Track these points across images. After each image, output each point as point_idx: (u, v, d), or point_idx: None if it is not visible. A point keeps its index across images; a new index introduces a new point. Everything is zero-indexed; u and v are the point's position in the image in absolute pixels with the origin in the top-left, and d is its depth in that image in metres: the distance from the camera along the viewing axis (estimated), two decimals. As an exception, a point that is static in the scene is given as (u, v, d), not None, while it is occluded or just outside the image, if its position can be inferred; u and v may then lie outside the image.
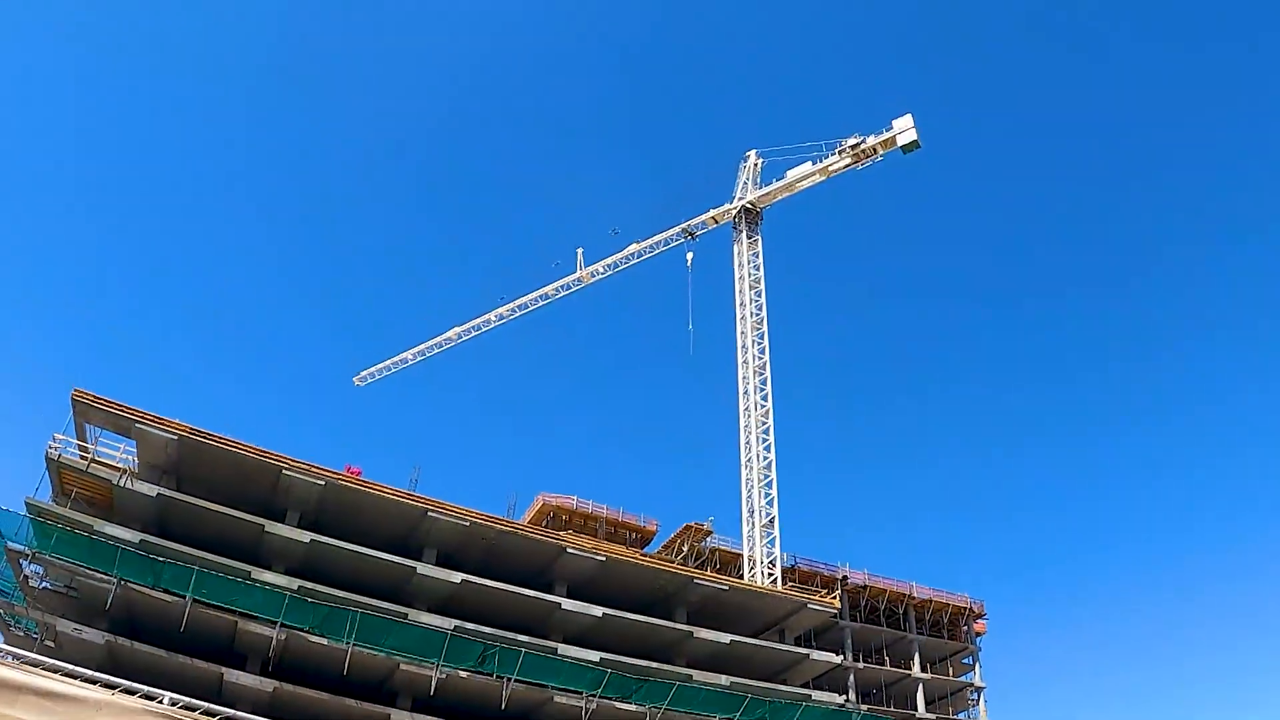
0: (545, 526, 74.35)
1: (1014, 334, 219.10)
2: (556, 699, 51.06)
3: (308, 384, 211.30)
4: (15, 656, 12.31)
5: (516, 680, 49.93)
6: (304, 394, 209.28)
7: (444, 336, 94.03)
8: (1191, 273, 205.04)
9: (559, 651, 52.81)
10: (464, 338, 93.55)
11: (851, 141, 78.62)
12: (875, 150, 78.05)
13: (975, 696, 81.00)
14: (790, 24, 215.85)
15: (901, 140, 76.80)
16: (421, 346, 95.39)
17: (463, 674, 49.20)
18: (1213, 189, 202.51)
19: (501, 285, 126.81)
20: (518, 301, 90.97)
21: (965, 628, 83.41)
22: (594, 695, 51.38)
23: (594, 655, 53.38)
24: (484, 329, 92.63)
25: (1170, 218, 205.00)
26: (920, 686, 77.65)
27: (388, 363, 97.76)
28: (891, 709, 75.94)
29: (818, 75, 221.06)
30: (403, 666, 48.31)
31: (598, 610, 54.93)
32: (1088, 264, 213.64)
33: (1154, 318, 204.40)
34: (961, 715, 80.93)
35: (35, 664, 11.21)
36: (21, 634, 47.56)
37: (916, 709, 76.70)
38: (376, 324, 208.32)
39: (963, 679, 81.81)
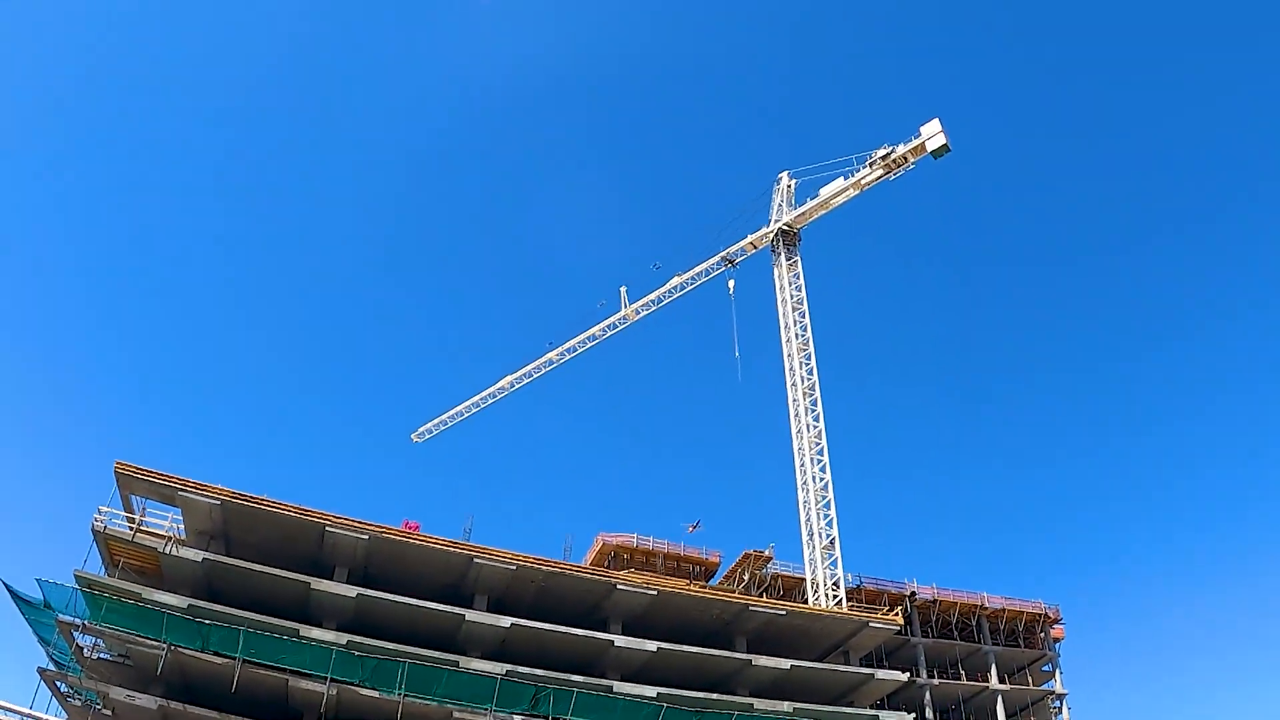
0: (606, 566, 74.20)
1: (1068, 327, 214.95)
2: (614, 737, 50.77)
3: (368, 446, 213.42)
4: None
5: (571, 721, 49.81)
6: (365, 455, 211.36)
7: (497, 386, 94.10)
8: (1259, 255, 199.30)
9: (615, 689, 52.48)
10: (516, 386, 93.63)
11: (881, 152, 78.07)
12: (906, 159, 77.41)
13: (1058, 704, 78.79)
14: (808, 44, 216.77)
15: (931, 146, 76.13)
16: (476, 398, 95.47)
17: (516, 718, 49.16)
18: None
19: (549, 330, 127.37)
20: (566, 345, 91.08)
21: (1042, 634, 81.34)
22: (652, 731, 51.04)
23: (650, 691, 52.99)
24: (535, 375, 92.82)
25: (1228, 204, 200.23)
26: (999, 699, 75.73)
27: (444, 417, 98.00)
28: (971, 724, 74.50)
29: (841, 92, 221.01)
30: (455, 714, 48.36)
31: (651, 645, 54.51)
32: (1144, 251, 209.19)
33: (1224, 300, 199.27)
34: (1045, 725, 78.89)
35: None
36: (80, 703, 48.29)
37: (997, 722, 75.06)
38: (428, 379, 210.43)
39: (1043, 687, 79.51)
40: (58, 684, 47.23)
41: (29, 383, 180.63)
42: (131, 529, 48.53)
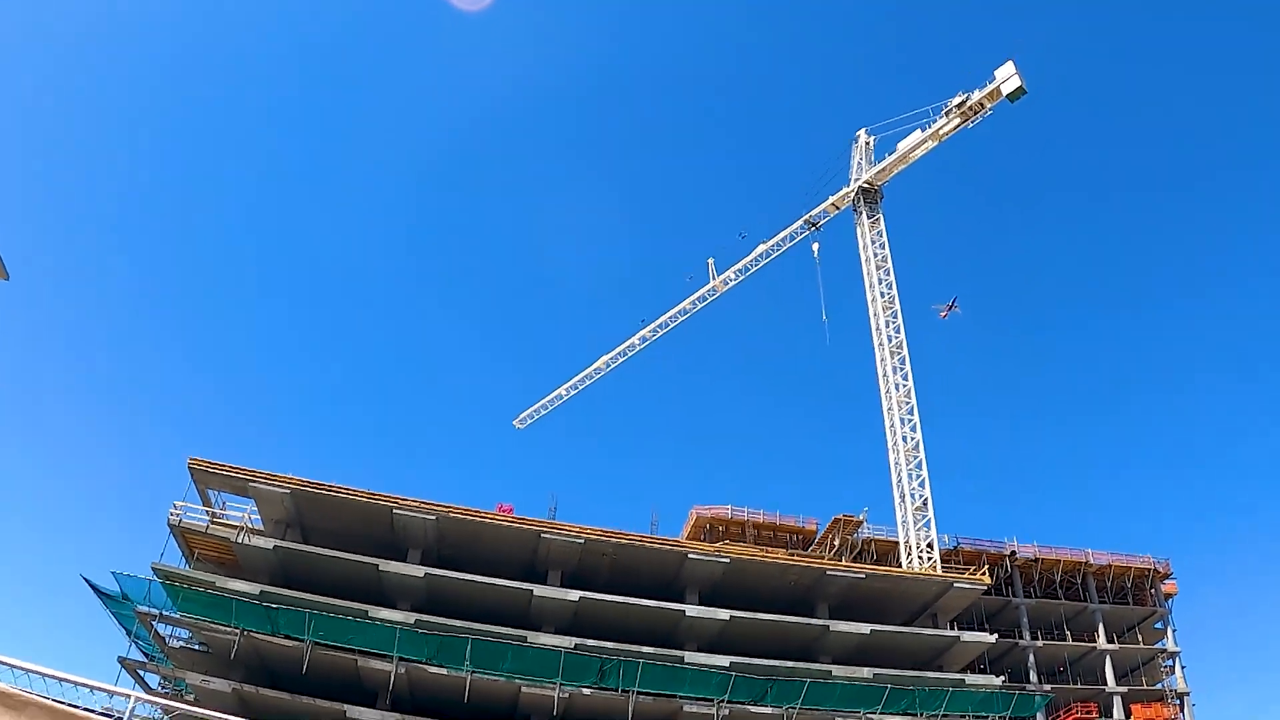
0: (701, 539, 74.11)
1: (1166, 264, 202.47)
2: (686, 708, 50.65)
3: (466, 433, 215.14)
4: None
5: (640, 693, 49.95)
6: (470, 446, 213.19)
7: (593, 367, 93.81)
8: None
9: (686, 660, 52.44)
10: (612, 365, 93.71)
11: (957, 100, 76.07)
12: (982, 105, 75.28)
13: (1170, 663, 76.16)
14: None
15: (1006, 89, 73.82)
16: (574, 380, 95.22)
17: (586, 691, 49.58)
18: None
19: (640, 308, 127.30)
20: (658, 321, 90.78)
21: (1152, 591, 78.51)
22: (724, 701, 50.84)
23: (724, 660, 52.76)
24: (629, 353, 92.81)
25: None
26: (1108, 659, 73.54)
27: (544, 401, 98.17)
28: (1079, 685, 72.43)
29: (913, 44, 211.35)
30: (524, 689, 48.94)
31: (724, 613, 54.29)
32: (1237, 179, 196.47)
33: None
34: (1159, 685, 76.25)
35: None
36: (168, 691, 50.28)
37: (1106, 683, 72.77)
38: (531, 360, 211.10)
39: (1155, 646, 77.04)
40: (139, 672, 49.16)
41: (95, 385, 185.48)
42: (208, 520, 50.33)
